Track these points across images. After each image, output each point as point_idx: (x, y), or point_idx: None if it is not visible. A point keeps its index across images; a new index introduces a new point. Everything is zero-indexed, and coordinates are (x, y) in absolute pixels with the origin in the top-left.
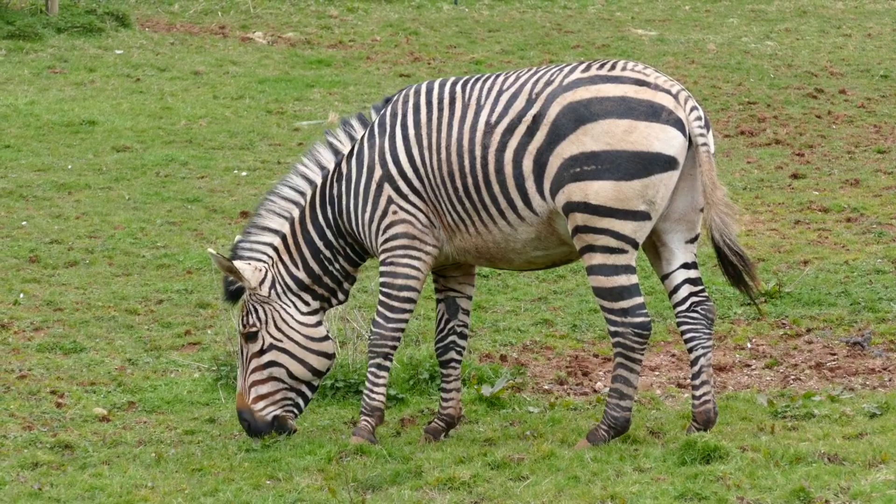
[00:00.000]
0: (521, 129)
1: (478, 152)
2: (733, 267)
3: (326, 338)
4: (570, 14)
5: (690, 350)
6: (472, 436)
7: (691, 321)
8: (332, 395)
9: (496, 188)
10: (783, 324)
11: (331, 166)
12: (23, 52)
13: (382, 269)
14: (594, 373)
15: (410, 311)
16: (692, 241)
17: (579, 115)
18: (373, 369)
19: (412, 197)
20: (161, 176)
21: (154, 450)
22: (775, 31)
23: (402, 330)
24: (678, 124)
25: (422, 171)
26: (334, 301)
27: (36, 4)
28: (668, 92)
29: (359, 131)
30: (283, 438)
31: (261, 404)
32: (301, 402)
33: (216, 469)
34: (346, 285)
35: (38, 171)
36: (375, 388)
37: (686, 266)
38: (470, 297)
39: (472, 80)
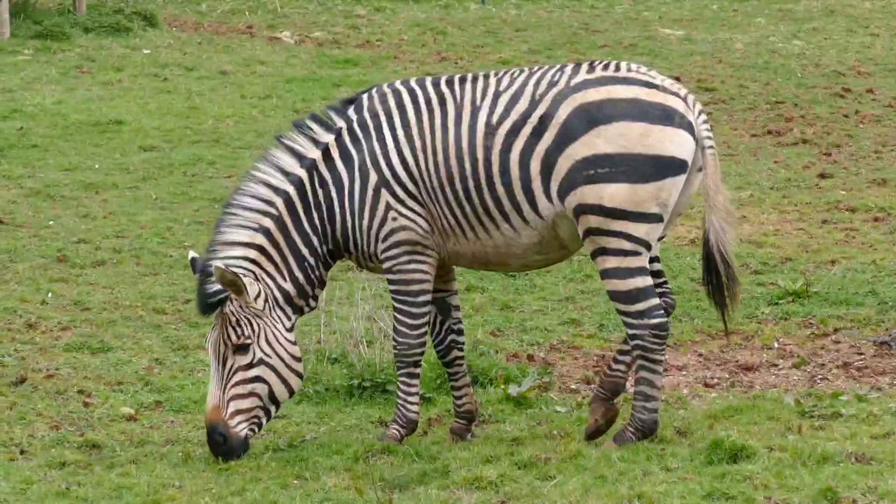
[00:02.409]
0: (527, 131)
1: (480, 154)
2: (717, 276)
3: (301, 358)
4: (598, 13)
5: None
6: (499, 435)
7: None
8: (360, 395)
9: (500, 191)
10: (810, 323)
11: (297, 171)
12: (50, 51)
13: (391, 277)
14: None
15: (428, 313)
16: (661, 238)
17: (592, 117)
18: (403, 379)
19: (410, 202)
20: (188, 175)
21: (181, 449)
22: (803, 30)
23: (426, 334)
24: (689, 128)
25: (416, 173)
26: (306, 310)
27: (63, 4)
28: (677, 95)
29: (320, 134)
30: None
31: (236, 420)
32: (265, 422)
33: (243, 468)
34: (317, 291)
35: (66, 171)
36: (410, 398)
37: (651, 260)
38: (456, 293)
39: (457, 79)
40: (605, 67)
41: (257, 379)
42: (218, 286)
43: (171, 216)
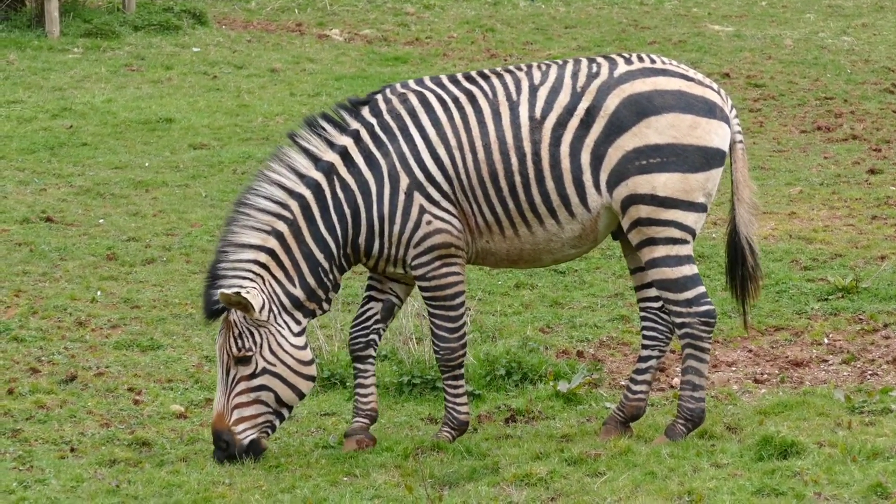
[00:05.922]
0: (574, 123)
1: (527, 149)
2: (744, 266)
3: (312, 361)
4: (647, 10)
5: (648, 348)
6: (549, 432)
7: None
8: (409, 392)
9: (550, 184)
10: (860, 319)
11: (312, 173)
12: (100, 50)
13: (424, 284)
14: (671, 369)
15: (465, 314)
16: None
17: (642, 108)
18: (450, 382)
19: (444, 203)
20: (238, 173)
21: None
22: (852, 26)
23: (466, 334)
24: (727, 120)
25: (451, 172)
26: (319, 313)
27: (113, 3)
28: (712, 88)
29: (334, 136)
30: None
31: (241, 426)
32: (278, 423)
33: (293, 466)
34: (331, 294)
35: (116, 169)
36: (458, 400)
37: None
38: (403, 302)
39: (478, 75)
40: (641, 60)
41: (262, 388)
42: None
43: (220, 214)
